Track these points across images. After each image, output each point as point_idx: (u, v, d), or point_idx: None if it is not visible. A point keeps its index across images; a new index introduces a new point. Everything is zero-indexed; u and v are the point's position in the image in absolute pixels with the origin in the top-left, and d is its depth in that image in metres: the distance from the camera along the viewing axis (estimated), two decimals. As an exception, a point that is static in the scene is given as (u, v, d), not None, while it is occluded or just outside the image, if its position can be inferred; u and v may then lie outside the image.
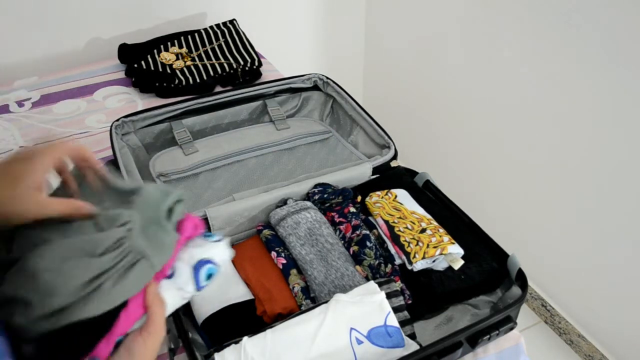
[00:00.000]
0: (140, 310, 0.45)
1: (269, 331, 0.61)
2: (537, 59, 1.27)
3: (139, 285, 0.45)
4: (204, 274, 0.50)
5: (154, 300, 0.46)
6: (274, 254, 0.74)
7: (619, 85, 1.11)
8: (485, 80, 1.45)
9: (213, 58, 1.27)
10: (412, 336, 0.65)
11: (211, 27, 1.35)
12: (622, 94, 1.11)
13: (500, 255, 0.74)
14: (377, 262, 0.73)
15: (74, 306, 0.40)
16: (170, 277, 0.49)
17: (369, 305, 0.63)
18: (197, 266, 0.49)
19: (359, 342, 0.61)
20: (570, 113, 1.24)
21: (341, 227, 0.78)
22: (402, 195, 0.83)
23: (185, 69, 1.24)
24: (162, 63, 1.24)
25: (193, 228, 0.51)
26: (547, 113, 1.29)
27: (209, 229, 0.78)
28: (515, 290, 0.72)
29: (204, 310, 0.68)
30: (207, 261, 0.50)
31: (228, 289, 0.71)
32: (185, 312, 0.69)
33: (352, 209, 0.80)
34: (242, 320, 0.67)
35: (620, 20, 1.07)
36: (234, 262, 0.75)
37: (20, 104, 1.18)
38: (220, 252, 0.51)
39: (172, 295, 0.49)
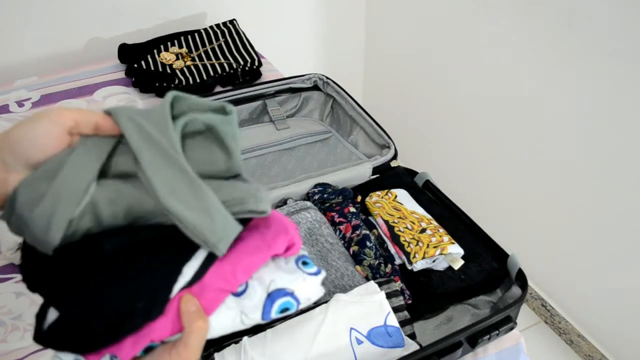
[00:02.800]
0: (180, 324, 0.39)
1: (269, 331, 0.61)
2: (537, 58, 1.27)
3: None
4: (278, 307, 0.40)
5: (194, 320, 0.38)
6: (274, 254, 0.74)
7: (619, 84, 1.11)
8: (485, 80, 1.45)
9: (213, 58, 1.27)
10: (412, 336, 0.65)
11: (211, 27, 1.35)
12: (622, 93, 1.11)
13: (500, 255, 0.74)
14: (377, 262, 0.73)
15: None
16: (238, 295, 0.40)
17: (369, 305, 0.63)
18: (275, 295, 0.40)
19: (359, 342, 0.61)
20: (570, 113, 1.24)
21: (341, 227, 0.78)
22: (402, 195, 0.83)
23: (185, 69, 1.24)
24: (162, 63, 1.24)
25: (285, 247, 0.41)
26: (547, 113, 1.29)
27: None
28: (515, 290, 0.72)
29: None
30: (289, 293, 0.40)
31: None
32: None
33: (352, 209, 0.80)
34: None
35: (620, 19, 1.07)
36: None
37: (20, 104, 1.18)
38: (308, 289, 0.41)
39: (231, 317, 0.40)
